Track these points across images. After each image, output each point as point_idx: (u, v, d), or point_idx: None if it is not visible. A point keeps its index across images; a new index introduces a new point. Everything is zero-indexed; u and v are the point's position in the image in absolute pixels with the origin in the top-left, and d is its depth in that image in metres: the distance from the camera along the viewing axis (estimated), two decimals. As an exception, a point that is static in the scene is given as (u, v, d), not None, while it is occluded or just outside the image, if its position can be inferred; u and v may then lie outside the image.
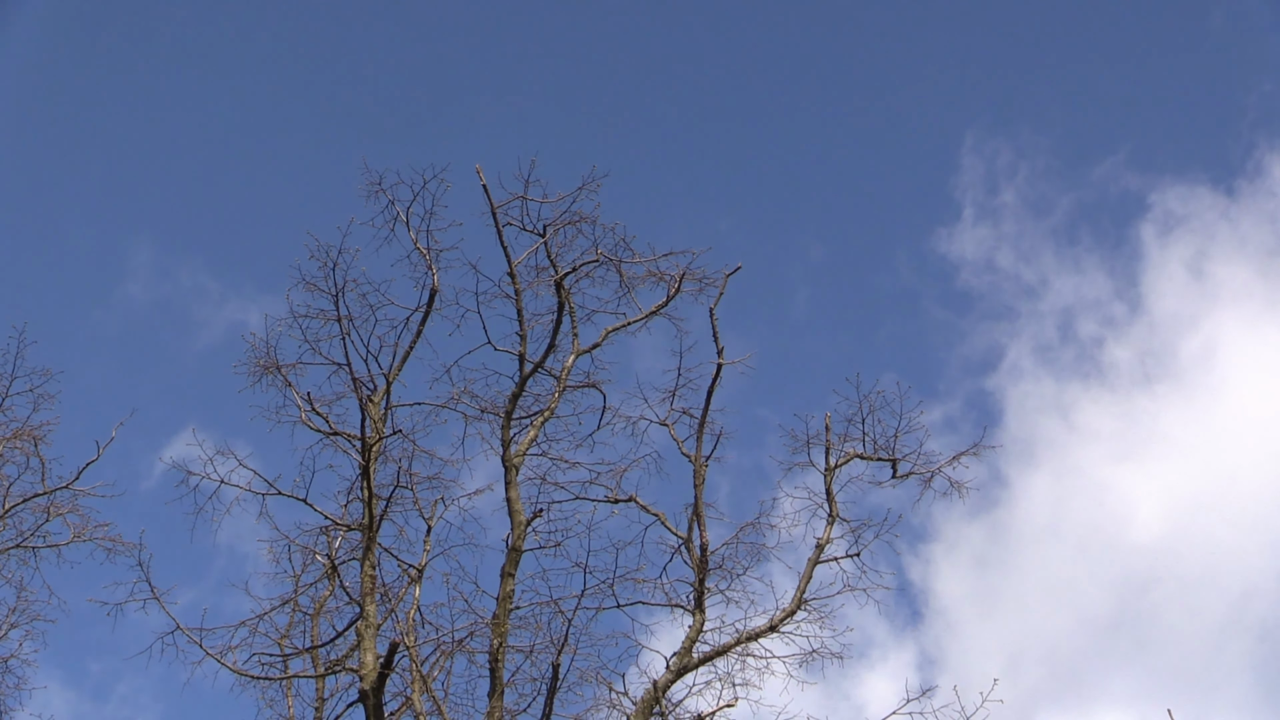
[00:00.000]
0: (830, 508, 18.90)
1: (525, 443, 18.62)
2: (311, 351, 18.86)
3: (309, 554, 19.46)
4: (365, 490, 17.59)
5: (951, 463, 19.58)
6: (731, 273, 19.27)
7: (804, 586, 18.12)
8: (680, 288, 19.27)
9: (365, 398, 18.47)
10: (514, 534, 17.46)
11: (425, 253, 18.63)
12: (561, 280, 18.91)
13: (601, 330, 19.64)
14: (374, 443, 17.87)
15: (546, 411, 19.09)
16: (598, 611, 17.93)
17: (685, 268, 19.29)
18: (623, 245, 19.15)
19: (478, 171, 18.34)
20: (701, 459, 18.80)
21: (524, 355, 18.88)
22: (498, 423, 19.12)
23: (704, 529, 18.03)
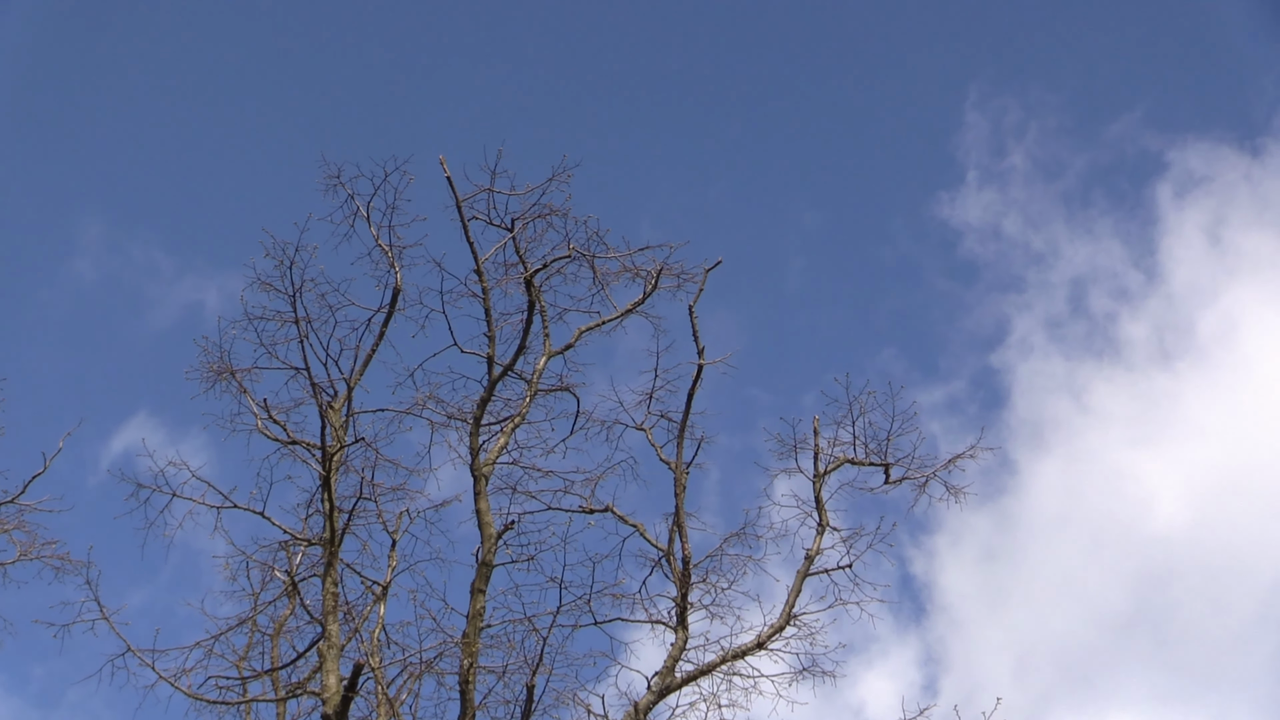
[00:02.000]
0: (820, 516, 19.13)
1: (495, 450, 18.80)
2: (268, 355, 19.24)
3: (267, 570, 19.68)
4: (326, 502, 17.82)
5: (947, 466, 19.86)
6: (711, 268, 19.62)
7: (793, 600, 18.26)
8: (657, 284, 19.51)
9: (325, 404, 18.73)
10: (484, 547, 17.64)
11: (387, 250, 18.88)
12: (531, 277, 19.00)
13: (574, 330, 19.82)
14: (335, 452, 18.23)
15: (517, 417, 19.26)
16: (574, 629, 18.06)
17: (663, 263, 19.53)
18: (596, 239, 19.39)
19: (441, 163, 18.48)
20: (682, 466, 19.08)
21: (492, 357, 19.01)
22: (465, 429, 19.27)
23: (686, 540, 18.30)
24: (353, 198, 18.92)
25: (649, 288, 19.64)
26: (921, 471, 19.84)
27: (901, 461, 19.90)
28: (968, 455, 19.84)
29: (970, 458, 19.79)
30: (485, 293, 18.96)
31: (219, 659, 19.18)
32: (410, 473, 20.27)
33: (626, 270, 19.64)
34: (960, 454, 19.86)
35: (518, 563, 18.15)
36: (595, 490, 19.44)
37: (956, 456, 19.86)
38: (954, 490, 19.86)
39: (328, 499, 17.83)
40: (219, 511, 18.81)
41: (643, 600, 18.56)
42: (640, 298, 19.72)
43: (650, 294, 19.67)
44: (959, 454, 19.88)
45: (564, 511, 19.25)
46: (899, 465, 19.92)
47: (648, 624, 18.31)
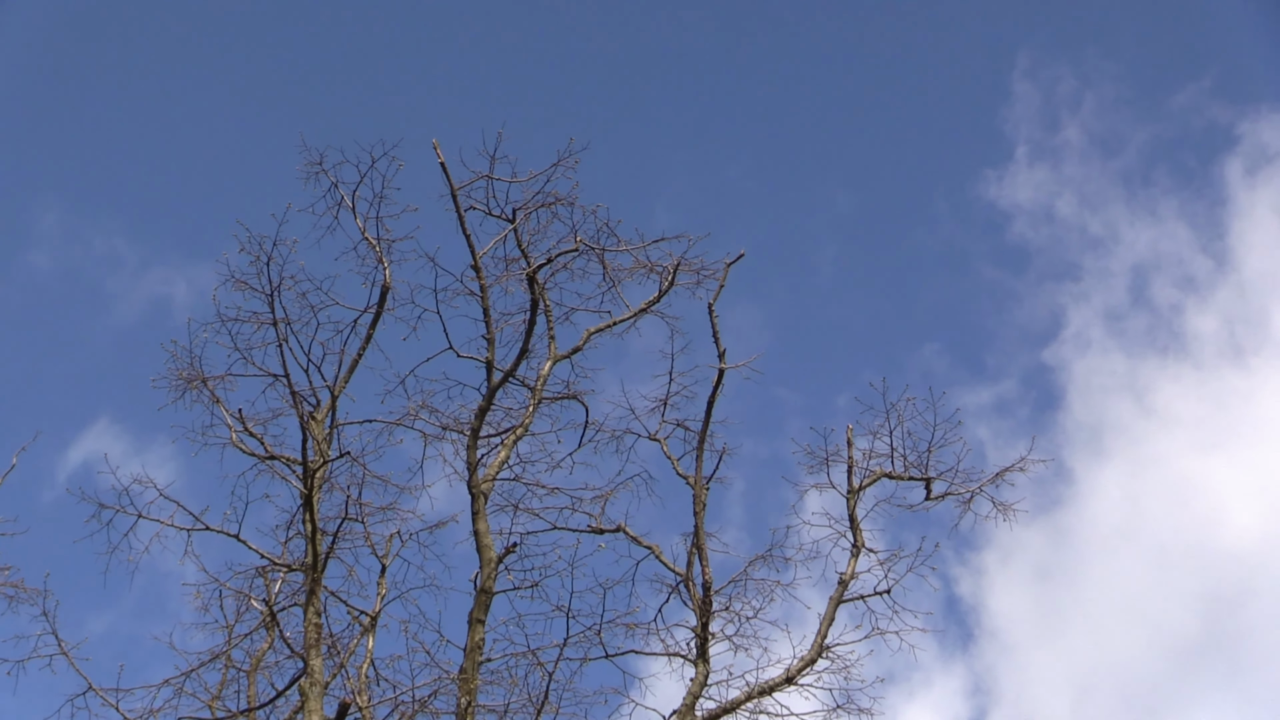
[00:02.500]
0: (855, 537, 18.65)
1: (495, 465, 18.37)
2: (243, 361, 18.71)
3: (243, 599, 19.10)
4: (308, 524, 17.39)
5: (995, 480, 19.30)
6: (733, 262, 19.01)
7: (825, 630, 17.85)
8: (674, 280, 19.02)
9: (307, 415, 18.29)
10: (483, 573, 17.27)
11: (375, 244, 18.36)
12: (535, 274, 18.57)
13: (583, 332, 19.42)
14: (317, 467, 17.69)
15: (519, 428, 18.78)
16: (583, 663, 17.75)
17: (680, 257, 19.00)
18: (606, 231, 18.89)
19: (434, 147, 18.04)
20: (702, 481, 18.49)
21: (492, 362, 18.59)
22: (462, 442, 18.96)
23: (706, 564, 17.79)
24: (336, 186, 18.34)
25: (664, 284, 19.09)
26: (966, 486, 19.27)
27: (945, 475, 19.31)
28: (1018, 468, 19.25)
29: (1020, 470, 19.20)
30: (483, 291, 18.44)
31: (190, 698, 18.57)
32: (401, 490, 19.87)
33: (640, 265, 19.12)
34: (1009, 467, 19.30)
35: (520, 589, 17.75)
36: (606, 508, 19.10)
37: (1005, 470, 19.30)
38: (1003, 507, 19.27)
39: (310, 520, 17.30)
40: (189, 534, 18.32)
41: (659, 630, 18.13)
42: (655, 296, 19.19)
43: (666, 291, 19.12)
44: (1008, 467, 19.32)
45: (571, 532, 18.90)
46: (942, 479, 19.34)
47: (665, 657, 17.93)
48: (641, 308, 19.31)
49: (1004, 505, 19.24)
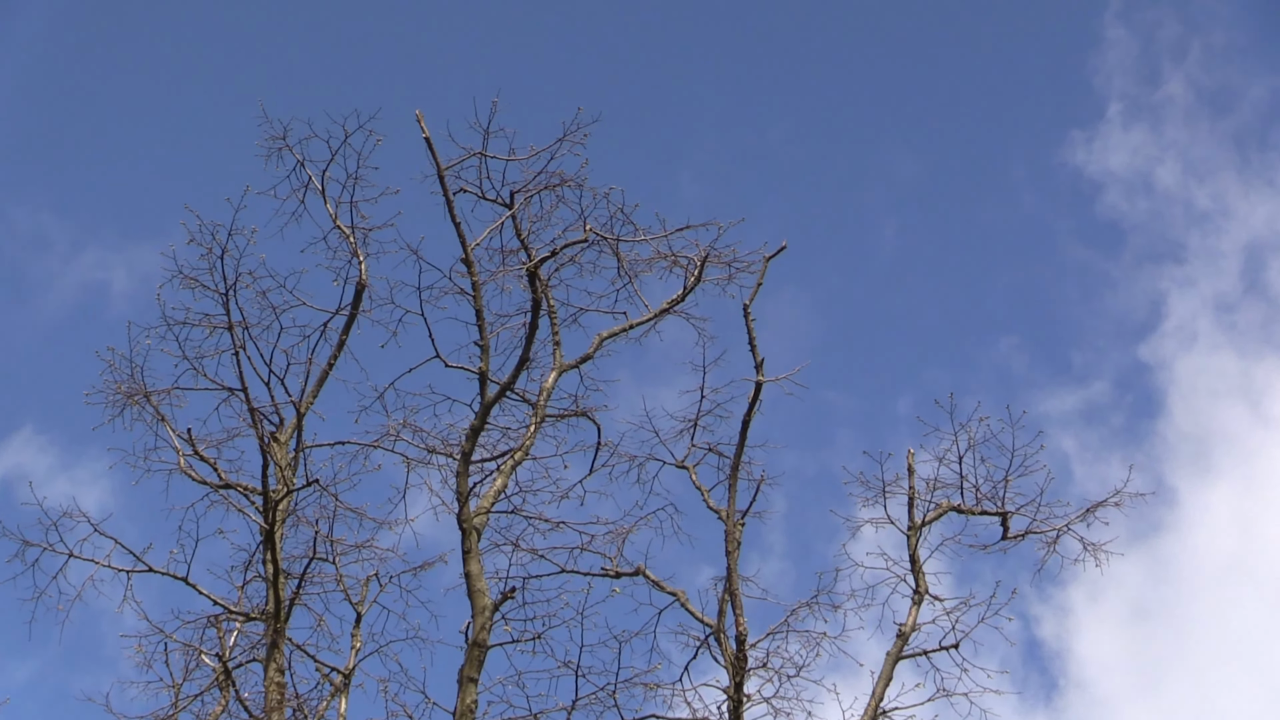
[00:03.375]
0: (917, 581, 18.25)
1: (490, 495, 18.05)
2: (193, 372, 18.39)
3: (192, 654, 18.68)
4: (269, 564, 17.31)
5: (1084, 517, 18.81)
6: (773, 255, 18.44)
7: (881, 691, 17.44)
8: (701, 275, 18.59)
9: (268, 435, 17.96)
10: (476, 623, 16.98)
11: (348, 233, 18.06)
12: (537, 268, 18.12)
13: (594, 337, 19.06)
14: (280, 497, 17.41)
15: (518, 451, 18.39)
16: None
17: (708, 248, 18.48)
18: (621, 218, 18.42)
19: (418, 119, 17.61)
20: (736, 515, 17.96)
21: (486, 373, 18.10)
22: (452, 467, 18.66)
23: (740, 612, 17.32)
24: (303, 165, 18.03)
25: (690, 281, 18.68)
26: (1051, 524, 18.85)
27: (1024, 509, 18.82)
28: (1112, 502, 18.79)
29: (1115, 505, 18.77)
30: (476, 289, 18.05)
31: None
32: (379, 525, 19.49)
33: (661, 258, 18.75)
34: (1102, 501, 18.85)
35: (520, 642, 17.51)
36: (622, 547, 18.73)
37: (1097, 505, 18.84)
38: (1093, 548, 18.85)
39: (271, 560, 17.26)
40: (129, 576, 18.15)
41: (684, 691, 17.89)
42: (679, 294, 18.81)
43: (692, 289, 18.69)
44: (1100, 501, 18.87)
45: (581, 575, 18.53)
46: (1021, 514, 18.87)
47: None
48: (663, 308, 18.97)
49: (1095, 546, 18.83)
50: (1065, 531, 18.84)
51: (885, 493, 18.75)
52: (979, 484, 18.87)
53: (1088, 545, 18.75)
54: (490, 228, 18.34)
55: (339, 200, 18.09)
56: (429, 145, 17.68)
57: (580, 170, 18.21)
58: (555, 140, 18.00)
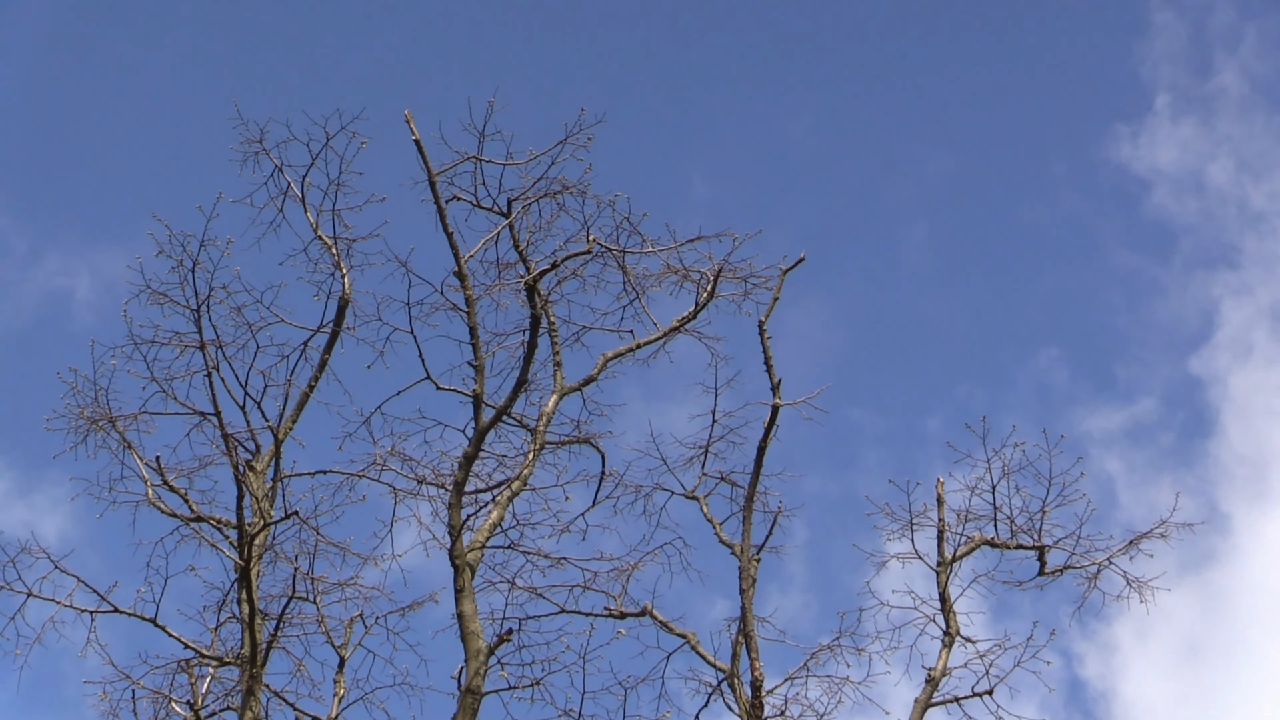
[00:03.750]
0: (947, 621, 17.96)
1: (485, 529, 17.72)
2: (162, 395, 18.07)
3: (161, 702, 18.16)
4: (245, 604, 16.93)
5: (1127, 550, 18.48)
6: (790, 268, 18.10)
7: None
8: (714, 290, 18.29)
9: (243, 464, 17.73)
10: (469, 668, 16.68)
11: (331, 244, 17.82)
12: (536, 282, 17.75)
13: (597, 357, 18.77)
14: (257, 532, 17.11)
15: (516, 481, 18.07)
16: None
17: (722, 261, 18.18)
18: (627, 228, 18.08)
19: (407, 120, 17.21)
20: (750, 550, 17.66)
21: (480, 396, 17.69)
22: (444, 499, 18.31)
23: (756, 655, 17.11)
24: (281, 171, 17.78)
25: (703, 296, 18.39)
26: (1092, 558, 18.53)
27: (1063, 542, 18.48)
28: (1157, 533, 18.45)
29: (1161, 537, 18.43)
30: (470, 305, 17.65)
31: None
32: (364, 561, 19.15)
33: (671, 271, 18.47)
34: (1147, 532, 18.51)
35: (518, 689, 17.21)
36: (628, 585, 18.50)
37: (1141, 536, 18.48)
38: (1138, 584, 18.51)
39: (247, 599, 16.79)
40: (93, 617, 17.83)
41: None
42: (690, 311, 18.51)
43: (704, 305, 18.40)
44: (1145, 532, 18.53)
45: (583, 615, 18.35)
46: (1060, 547, 18.53)
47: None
48: (673, 326, 18.67)
49: (1140, 582, 18.49)
50: (1107, 566, 18.55)
51: (913, 525, 18.42)
52: (1014, 515, 18.58)
53: (1132, 580, 18.44)
54: (485, 238, 18.01)
55: (320, 208, 17.83)
56: (419, 148, 17.31)
57: (583, 176, 17.89)
58: (556, 143, 17.68)
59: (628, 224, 18.14)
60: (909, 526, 18.40)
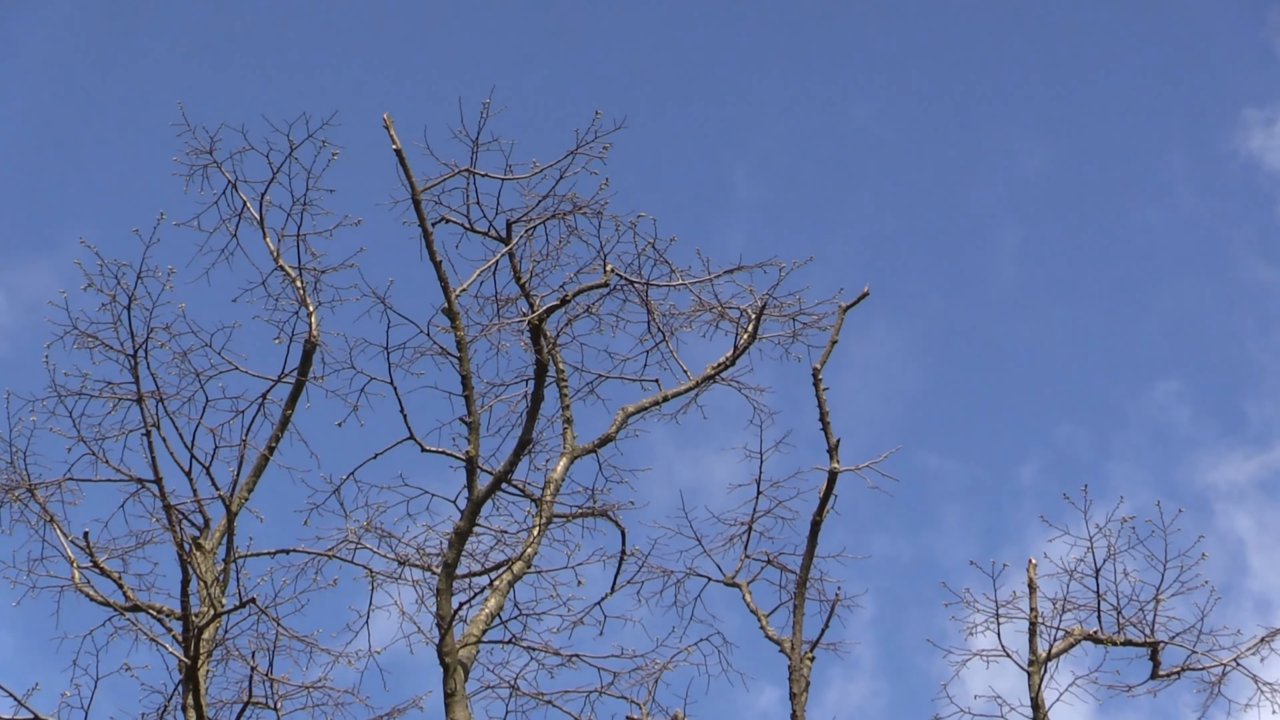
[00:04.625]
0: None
1: (481, 620, 17.02)
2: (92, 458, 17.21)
3: None
4: (192, 710, 16.11)
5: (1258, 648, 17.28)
6: (851, 305, 17.27)
7: None
8: (757, 330, 17.56)
9: (189, 541, 16.75)
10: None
11: (295, 276, 17.11)
12: (541, 322, 16.98)
13: (616, 413, 18.05)
14: (206, 623, 16.19)
15: (518, 562, 17.27)
16: None
17: (767, 295, 17.42)
18: (652, 256, 17.41)
19: (386, 126, 16.33)
20: (802, 647, 16.89)
21: (475, 459, 16.77)
22: (431, 584, 17.66)
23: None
24: (235, 188, 17.03)
25: (743, 338, 17.65)
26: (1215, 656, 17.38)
27: (1181, 638, 17.43)
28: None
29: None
30: (462, 349, 16.73)
31: None
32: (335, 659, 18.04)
33: (704, 308, 17.81)
34: None
35: None
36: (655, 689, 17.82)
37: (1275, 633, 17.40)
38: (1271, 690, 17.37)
39: (194, 705, 16.02)
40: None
41: None
42: (728, 356, 17.70)
43: (745, 349, 17.60)
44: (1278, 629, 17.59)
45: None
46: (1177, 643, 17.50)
47: None
48: (707, 375, 17.91)
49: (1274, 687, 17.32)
50: (1234, 668, 17.41)
51: (999, 617, 17.33)
52: (1121, 604, 17.50)
53: (1263, 685, 17.27)
54: (481, 268, 17.21)
55: (283, 233, 17.08)
56: (401, 160, 16.34)
57: (598, 193, 17.00)
58: (566, 153, 16.78)
59: (652, 251, 17.41)
60: (995, 618, 17.33)
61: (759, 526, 18.15)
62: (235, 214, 17.14)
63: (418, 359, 17.15)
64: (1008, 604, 17.34)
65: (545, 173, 16.92)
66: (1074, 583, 17.54)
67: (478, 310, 17.57)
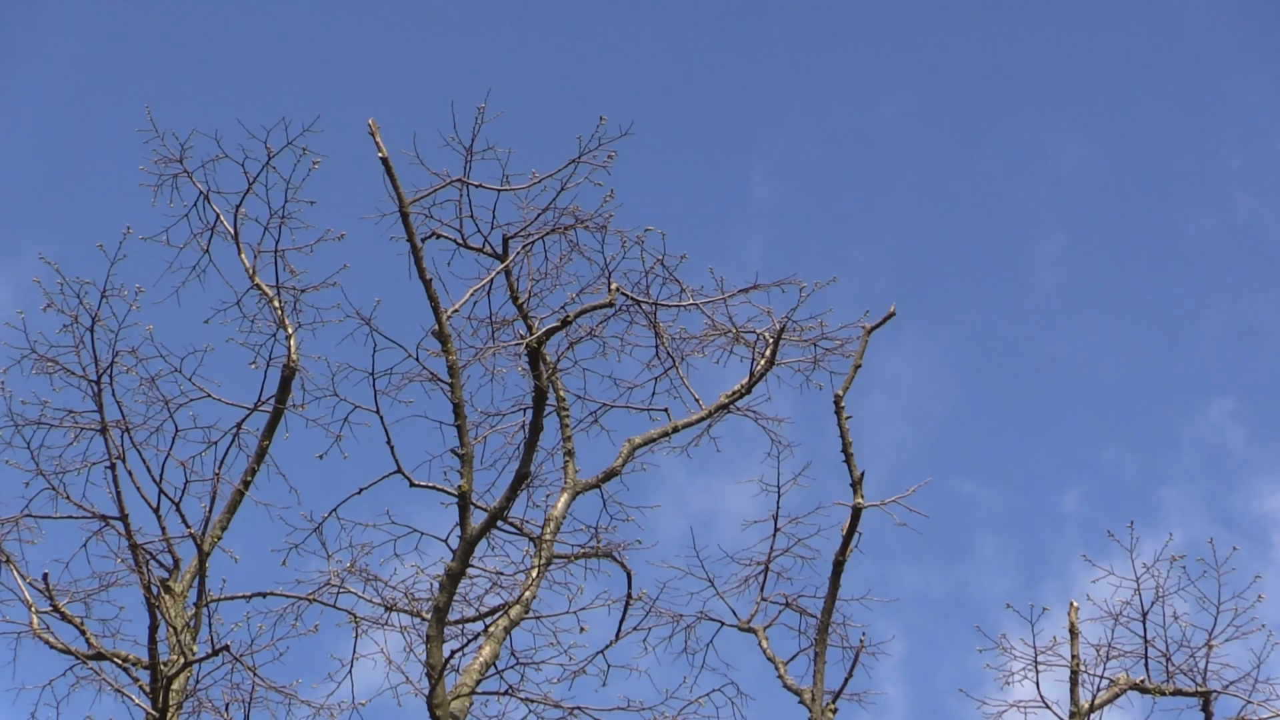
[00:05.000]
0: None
1: (475, 669, 16.53)
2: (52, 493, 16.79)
3: None
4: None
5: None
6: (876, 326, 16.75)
7: None
8: (774, 356, 17.13)
9: (158, 583, 16.25)
10: None
11: (272, 295, 16.83)
12: (541, 345, 16.47)
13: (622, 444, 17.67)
14: (175, 672, 15.73)
15: (515, 606, 16.81)
16: None
17: (786, 318, 16.96)
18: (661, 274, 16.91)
19: (371, 131, 15.72)
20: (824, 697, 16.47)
21: (468, 495, 16.07)
22: (420, 630, 17.14)
23: None
24: (207, 199, 16.67)
25: (760, 363, 17.25)
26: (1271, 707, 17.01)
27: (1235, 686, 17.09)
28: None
29: None
30: (454, 375, 16.05)
31: None
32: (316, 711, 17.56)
33: (717, 331, 17.41)
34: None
35: None
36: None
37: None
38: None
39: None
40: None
41: None
42: (744, 383, 17.29)
43: (762, 375, 17.19)
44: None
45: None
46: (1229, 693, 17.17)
47: None
48: (721, 403, 17.48)
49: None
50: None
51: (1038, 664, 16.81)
52: (1170, 650, 17.07)
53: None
54: (475, 287, 16.54)
55: (259, 249, 16.68)
56: (387, 169, 15.63)
57: (603, 205, 16.28)
58: (567, 162, 16.06)
59: (661, 268, 16.79)
60: (1033, 665, 16.83)
61: (776, 566, 17.72)
62: (208, 228, 16.72)
63: (406, 385, 16.59)
64: (1047, 650, 16.81)
65: (545, 183, 16.24)
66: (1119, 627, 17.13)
67: (471, 333, 17.04)
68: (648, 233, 16.60)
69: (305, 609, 17.40)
